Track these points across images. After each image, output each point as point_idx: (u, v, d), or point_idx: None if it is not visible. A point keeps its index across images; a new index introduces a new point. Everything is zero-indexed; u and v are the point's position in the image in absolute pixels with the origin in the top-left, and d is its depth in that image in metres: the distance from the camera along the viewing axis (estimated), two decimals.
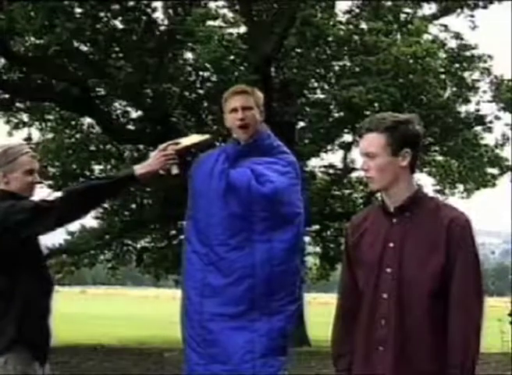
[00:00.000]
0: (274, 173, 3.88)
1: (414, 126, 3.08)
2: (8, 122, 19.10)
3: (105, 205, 19.35)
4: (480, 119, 18.78)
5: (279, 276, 3.81)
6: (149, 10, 16.18)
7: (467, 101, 18.77)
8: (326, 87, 18.37)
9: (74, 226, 20.41)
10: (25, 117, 19.31)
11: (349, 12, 18.43)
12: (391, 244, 3.04)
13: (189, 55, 17.84)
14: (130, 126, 18.40)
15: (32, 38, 15.73)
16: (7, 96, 17.17)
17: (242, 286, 3.79)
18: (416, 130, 3.08)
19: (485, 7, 18.07)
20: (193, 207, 3.96)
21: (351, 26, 17.83)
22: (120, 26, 16.21)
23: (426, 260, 2.98)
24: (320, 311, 20.83)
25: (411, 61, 16.03)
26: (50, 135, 20.06)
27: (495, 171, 20.26)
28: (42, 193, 4.19)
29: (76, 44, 15.76)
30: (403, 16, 18.14)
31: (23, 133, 19.51)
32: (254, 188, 3.82)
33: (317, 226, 20.27)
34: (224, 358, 3.79)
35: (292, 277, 3.87)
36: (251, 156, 3.95)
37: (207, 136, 4.17)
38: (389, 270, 3.02)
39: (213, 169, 3.90)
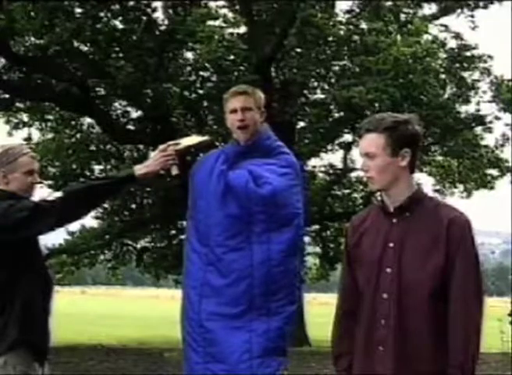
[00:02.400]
0: (272, 175, 3.86)
1: (414, 127, 3.08)
2: (8, 122, 19.09)
3: (105, 205, 19.34)
4: (480, 120, 18.77)
5: (278, 278, 3.81)
6: (149, 10, 16.15)
7: (467, 101, 18.74)
8: (326, 87, 18.37)
9: (74, 226, 20.46)
10: (25, 117, 19.30)
11: (349, 12, 18.42)
12: (391, 244, 3.05)
13: (189, 55, 17.85)
14: (130, 126, 18.40)
15: (32, 38, 15.71)
16: (7, 96, 17.14)
17: (240, 287, 3.80)
18: (415, 130, 3.08)
19: (485, 7, 18.06)
20: (194, 207, 3.96)
21: (351, 26, 17.82)
22: (120, 26, 16.20)
23: (426, 260, 2.98)
24: (320, 311, 20.85)
25: (411, 61, 16.03)
26: (50, 135, 20.05)
27: (495, 172, 20.27)
28: (42, 193, 4.19)
29: (76, 44, 15.74)
30: (403, 16, 18.14)
31: (23, 133, 19.55)
32: (251, 190, 3.81)
33: (317, 226, 20.28)
34: (222, 358, 3.80)
35: (290, 278, 3.87)
36: (251, 157, 3.94)
37: (207, 137, 4.18)
38: (388, 270, 3.02)
39: (212, 170, 3.90)
